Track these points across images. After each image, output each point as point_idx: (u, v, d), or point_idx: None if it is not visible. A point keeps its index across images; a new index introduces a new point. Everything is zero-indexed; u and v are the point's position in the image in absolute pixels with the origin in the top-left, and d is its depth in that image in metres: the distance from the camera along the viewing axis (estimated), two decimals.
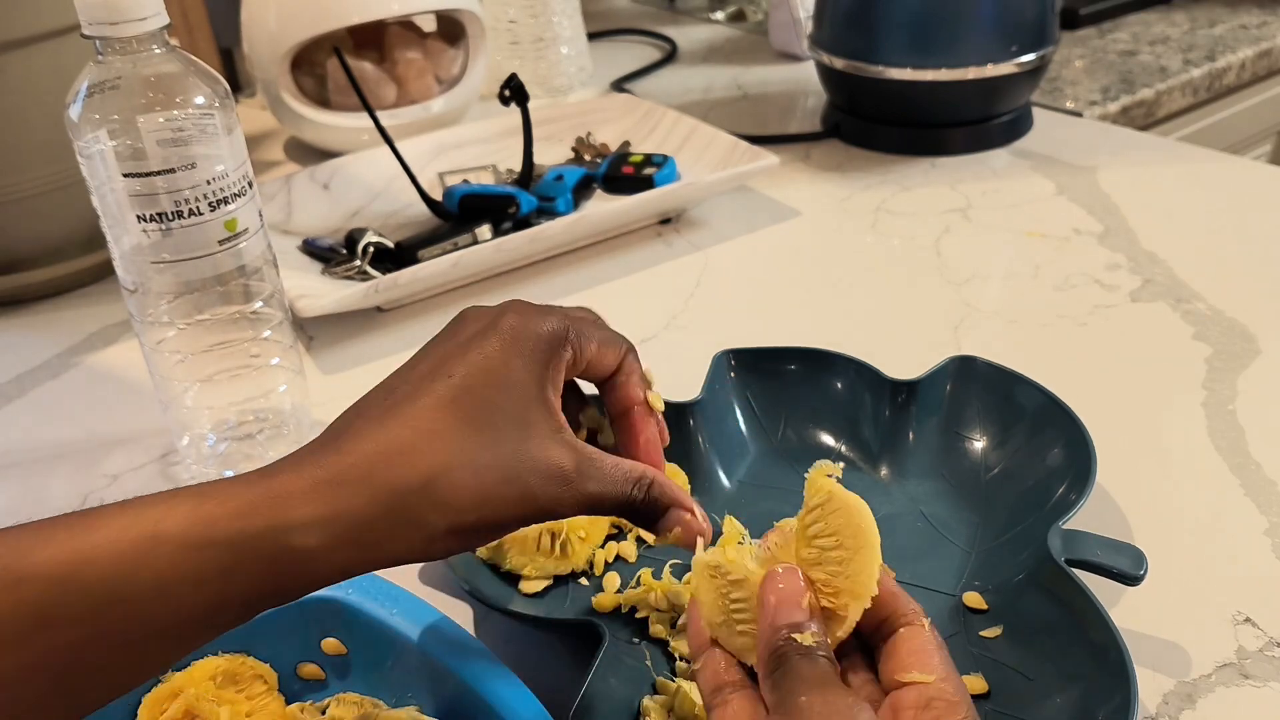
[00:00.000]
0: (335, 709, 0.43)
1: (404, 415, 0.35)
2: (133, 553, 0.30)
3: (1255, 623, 0.47)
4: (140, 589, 0.30)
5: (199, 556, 0.30)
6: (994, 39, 0.90)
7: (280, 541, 0.31)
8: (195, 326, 0.56)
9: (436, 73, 1.01)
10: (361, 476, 0.33)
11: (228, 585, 0.31)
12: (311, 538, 0.32)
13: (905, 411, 0.56)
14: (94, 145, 0.51)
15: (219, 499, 0.31)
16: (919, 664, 0.33)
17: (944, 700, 0.32)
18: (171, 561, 0.30)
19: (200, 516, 0.31)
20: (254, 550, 0.31)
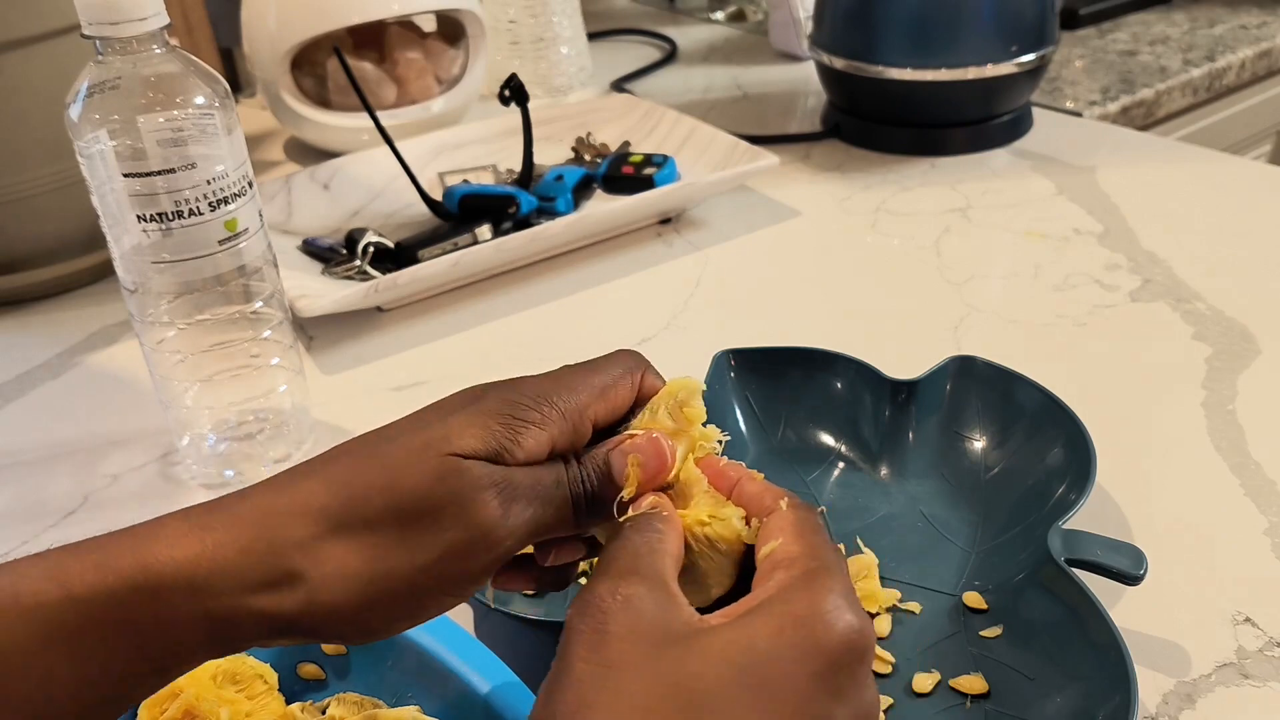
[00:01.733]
0: (335, 709, 0.43)
1: (310, 469, 0.32)
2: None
3: (1255, 623, 0.47)
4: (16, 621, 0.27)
5: (48, 616, 0.28)
6: (994, 39, 0.90)
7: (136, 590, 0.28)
8: (195, 326, 0.56)
9: (436, 73, 1.01)
10: (237, 522, 0.30)
11: (87, 649, 0.28)
12: (168, 578, 0.29)
13: (905, 411, 0.56)
14: (94, 145, 0.51)
15: (81, 553, 0.29)
16: (770, 538, 0.32)
17: (785, 558, 0.31)
18: (24, 622, 0.28)
19: (56, 573, 0.28)
20: (108, 602, 0.28)
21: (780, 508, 0.33)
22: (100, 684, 0.29)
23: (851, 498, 0.54)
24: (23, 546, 0.56)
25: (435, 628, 0.43)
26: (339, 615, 0.30)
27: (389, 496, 0.31)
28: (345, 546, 0.30)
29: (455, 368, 0.69)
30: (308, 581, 0.30)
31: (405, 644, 0.43)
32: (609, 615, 0.29)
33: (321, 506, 0.31)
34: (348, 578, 0.30)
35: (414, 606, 0.32)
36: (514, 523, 0.32)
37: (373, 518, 0.31)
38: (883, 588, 0.49)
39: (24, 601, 0.28)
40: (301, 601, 0.30)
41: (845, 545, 0.51)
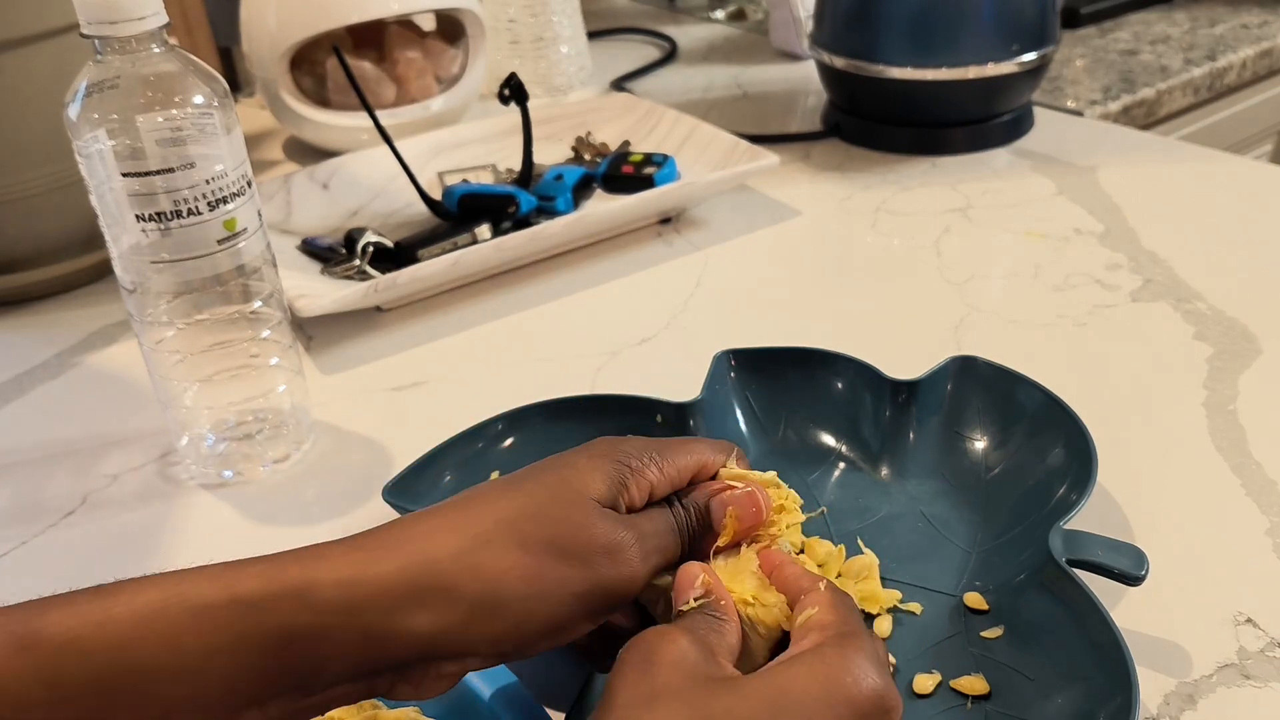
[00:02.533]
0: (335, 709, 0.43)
1: (454, 504, 0.34)
2: (150, 613, 0.28)
3: (1256, 623, 0.47)
4: (153, 651, 0.28)
5: (214, 616, 0.29)
6: (995, 38, 0.90)
7: (299, 599, 0.30)
8: (194, 326, 0.56)
9: (436, 72, 1.01)
10: (394, 544, 0.32)
11: (242, 649, 0.29)
12: (335, 594, 0.30)
13: (905, 411, 0.56)
14: (93, 145, 0.51)
15: (248, 563, 0.30)
16: (805, 610, 0.34)
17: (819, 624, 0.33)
18: (188, 618, 0.29)
19: (223, 575, 0.30)
20: (271, 611, 0.29)
21: (818, 588, 0.35)
22: (247, 692, 0.30)
23: (852, 498, 0.54)
24: (22, 547, 0.56)
25: None
26: (489, 629, 0.32)
27: (541, 524, 0.33)
28: (501, 560, 0.32)
29: (455, 368, 0.69)
30: (462, 598, 0.31)
31: None
32: (656, 650, 0.31)
33: (477, 527, 0.33)
34: (503, 592, 0.32)
35: (555, 631, 0.33)
36: (646, 570, 0.35)
37: (527, 540, 0.33)
38: (883, 588, 0.49)
39: (190, 601, 0.29)
40: (455, 618, 0.31)
41: (845, 546, 0.50)
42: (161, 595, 0.29)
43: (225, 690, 0.29)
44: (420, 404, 0.66)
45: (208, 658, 0.29)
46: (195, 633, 0.29)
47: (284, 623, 0.30)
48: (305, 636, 0.30)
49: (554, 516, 0.33)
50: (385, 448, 0.61)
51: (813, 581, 0.36)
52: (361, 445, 0.62)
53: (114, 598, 0.29)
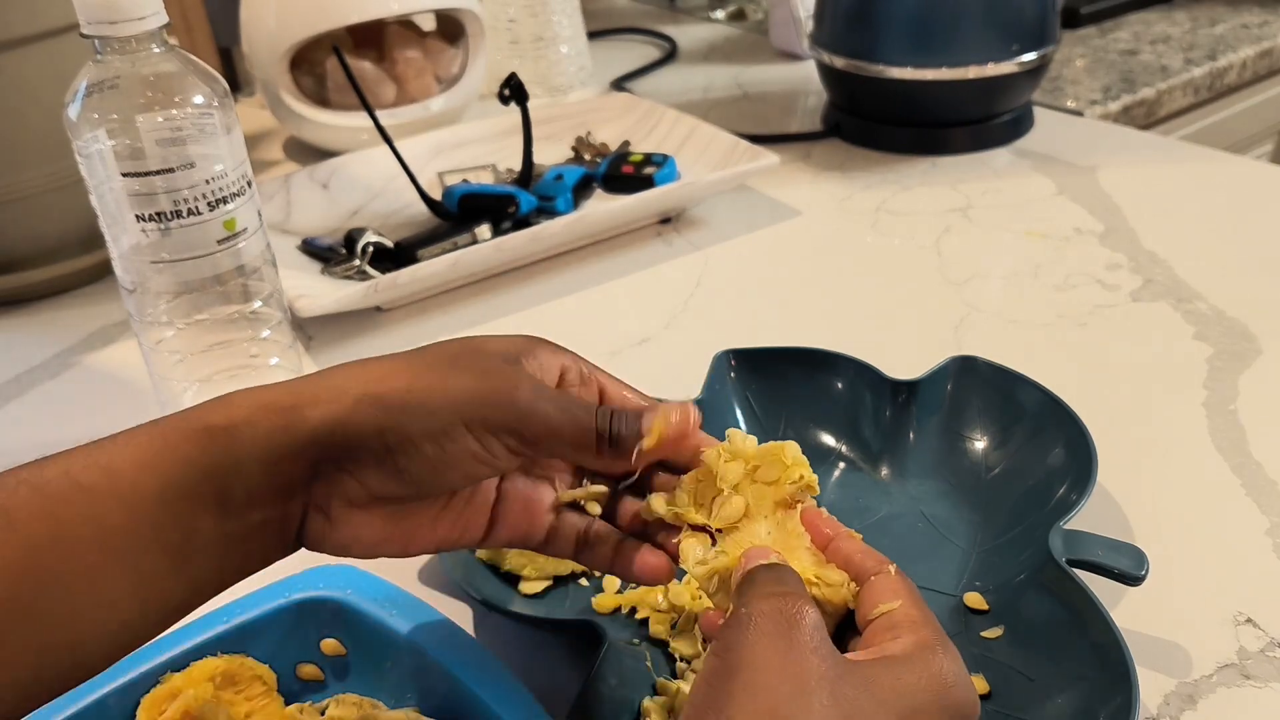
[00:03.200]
0: (334, 709, 0.43)
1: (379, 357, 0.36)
2: (88, 453, 0.32)
3: (1256, 623, 0.47)
4: (95, 477, 0.31)
5: (142, 439, 0.32)
6: (995, 38, 0.90)
7: (214, 412, 0.33)
8: (194, 326, 0.56)
9: (436, 72, 1.01)
10: (309, 376, 0.35)
11: (168, 461, 0.32)
12: (242, 400, 0.33)
13: (906, 411, 0.56)
14: (93, 145, 0.51)
15: (177, 412, 0.34)
16: (884, 598, 0.34)
17: (909, 620, 0.33)
18: (119, 448, 0.32)
19: (151, 423, 0.33)
20: (190, 422, 0.33)
21: (888, 572, 0.35)
22: (172, 508, 0.31)
23: (852, 498, 0.54)
24: None
25: (435, 628, 0.43)
26: (372, 420, 0.33)
27: (440, 351, 0.36)
28: (390, 365, 0.35)
29: None
30: (348, 390, 0.33)
31: (405, 644, 0.43)
32: (791, 626, 0.31)
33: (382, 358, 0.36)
34: (386, 386, 0.34)
35: (437, 435, 0.33)
36: (533, 400, 0.34)
37: (424, 357, 0.35)
38: None
39: (119, 437, 0.32)
40: (343, 409, 0.33)
41: None
42: (100, 441, 0.32)
43: (158, 505, 0.31)
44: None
45: (138, 472, 0.31)
46: (126, 455, 0.32)
47: (202, 428, 0.32)
48: (220, 433, 0.32)
49: (452, 355, 0.35)
50: None
51: (879, 562, 0.36)
52: None
53: (61, 453, 0.32)
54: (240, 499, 0.33)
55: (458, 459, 0.34)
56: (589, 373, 0.38)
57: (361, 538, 0.35)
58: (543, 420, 0.34)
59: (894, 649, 0.32)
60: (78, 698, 0.40)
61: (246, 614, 0.44)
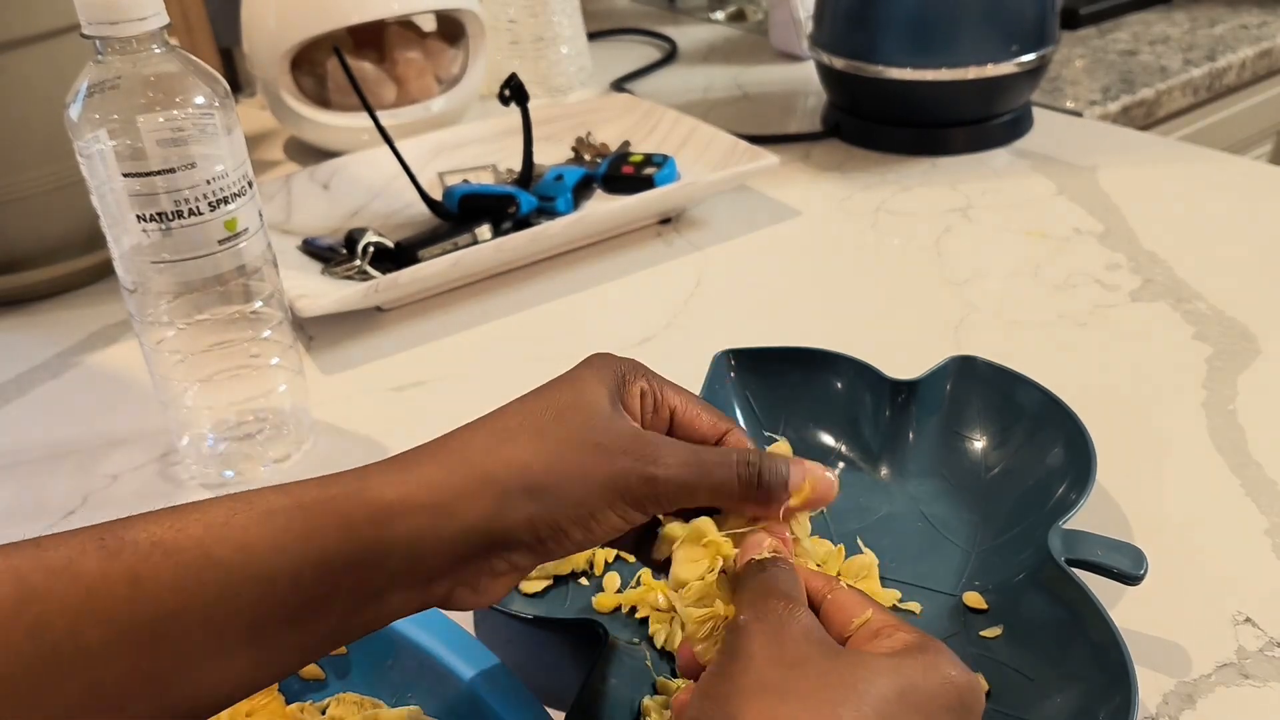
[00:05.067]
0: (335, 709, 0.43)
1: (489, 423, 0.36)
2: (224, 524, 0.31)
3: (1255, 623, 0.47)
4: (225, 551, 0.30)
5: (278, 519, 0.31)
6: (994, 39, 0.90)
7: (355, 498, 0.32)
8: (195, 326, 0.56)
9: (436, 72, 1.01)
10: (433, 449, 0.35)
11: (306, 547, 0.31)
12: (386, 491, 0.33)
13: (905, 411, 0.56)
14: (94, 145, 0.51)
15: (310, 480, 0.33)
16: (854, 612, 0.35)
17: (889, 625, 0.34)
18: (255, 522, 0.31)
19: (287, 489, 0.32)
20: (331, 508, 0.32)
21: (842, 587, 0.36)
22: (313, 592, 0.32)
23: (852, 498, 0.54)
24: None
25: (435, 628, 0.43)
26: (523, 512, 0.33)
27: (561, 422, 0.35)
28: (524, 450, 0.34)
29: (455, 368, 0.69)
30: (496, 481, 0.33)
31: (405, 644, 0.43)
32: (785, 621, 0.32)
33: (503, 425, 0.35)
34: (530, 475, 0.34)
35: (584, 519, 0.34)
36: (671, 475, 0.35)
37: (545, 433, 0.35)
38: (883, 588, 0.49)
39: (256, 508, 0.32)
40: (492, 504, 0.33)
41: (845, 545, 0.51)
42: (231, 505, 0.32)
43: (292, 589, 0.31)
44: (420, 404, 0.66)
45: (275, 555, 0.31)
46: (262, 533, 0.31)
47: (343, 517, 0.32)
48: (363, 526, 0.32)
49: (570, 414, 0.35)
50: (385, 448, 0.61)
51: (826, 581, 0.36)
52: (361, 445, 0.62)
53: (187, 512, 0.31)
54: (380, 588, 0.33)
55: (601, 535, 0.35)
56: (660, 395, 0.39)
57: (498, 594, 0.36)
58: (683, 487, 0.35)
59: (885, 647, 0.33)
60: None
61: None
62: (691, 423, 0.39)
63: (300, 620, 0.32)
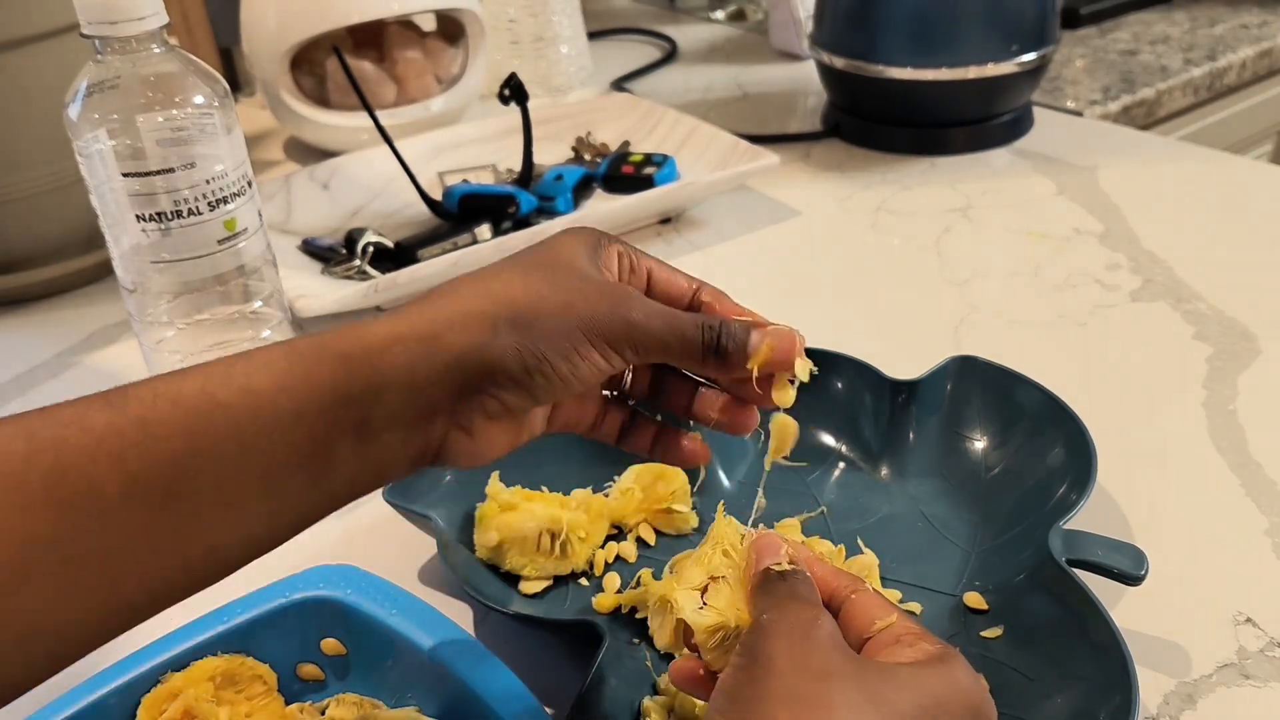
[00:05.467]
0: (335, 709, 0.43)
1: (475, 274, 0.37)
2: (225, 372, 0.32)
3: (1256, 623, 0.47)
4: (233, 396, 0.31)
5: (280, 364, 0.32)
6: (994, 38, 0.90)
7: (349, 338, 0.34)
8: (195, 326, 0.56)
9: (436, 72, 1.01)
10: (427, 295, 0.36)
11: (308, 385, 0.32)
12: (379, 329, 0.34)
13: (905, 411, 0.56)
14: (93, 145, 0.51)
15: (302, 336, 0.34)
16: (876, 615, 0.35)
17: (910, 633, 0.34)
18: (256, 367, 0.32)
19: (283, 342, 0.34)
20: (327, 350, 0.33)
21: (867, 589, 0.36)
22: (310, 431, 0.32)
23: (852, 498, 0.54)
24: None
25: (435, 627, 0.43)
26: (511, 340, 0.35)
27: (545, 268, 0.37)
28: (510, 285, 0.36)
29: None
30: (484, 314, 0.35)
31: (405, 644, 0.43)
32: (810, 628, 0.32)
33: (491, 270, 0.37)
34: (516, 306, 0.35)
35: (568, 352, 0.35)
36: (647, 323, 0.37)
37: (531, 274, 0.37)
38: (883, 588, 0.49)
39: (255, 357, 0.33)
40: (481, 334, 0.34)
41: (845, 545, 0.51)
42: (229, 360, 0.32)
43: (297, 427, 0.32)
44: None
45: (278, 395, 0.32)
46: (264, 377, 0.32)
47: (340, 354, 0.33)
48: (358, 360, 0.33)
49: (553, 264, 0.37)
50: None
51: (853, 581, 0.37)
52: None
53: (186, 370, 0.32)
54: (380, 423, 0.34)
55: (585, 372, 0.36)
56: (636, 258, 0.41)
57: (494, 445, 0.37)
58: (655, 336, 0.37)
59: (907, 656, 0.33)
60: (78, 697, 0.40)
61: (247, 614, 0.44)
62: (668, 281, 0.41)
63: (308, 464, 0.32)
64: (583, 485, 0.55)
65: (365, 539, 0.55)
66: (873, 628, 0.34)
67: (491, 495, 0.51)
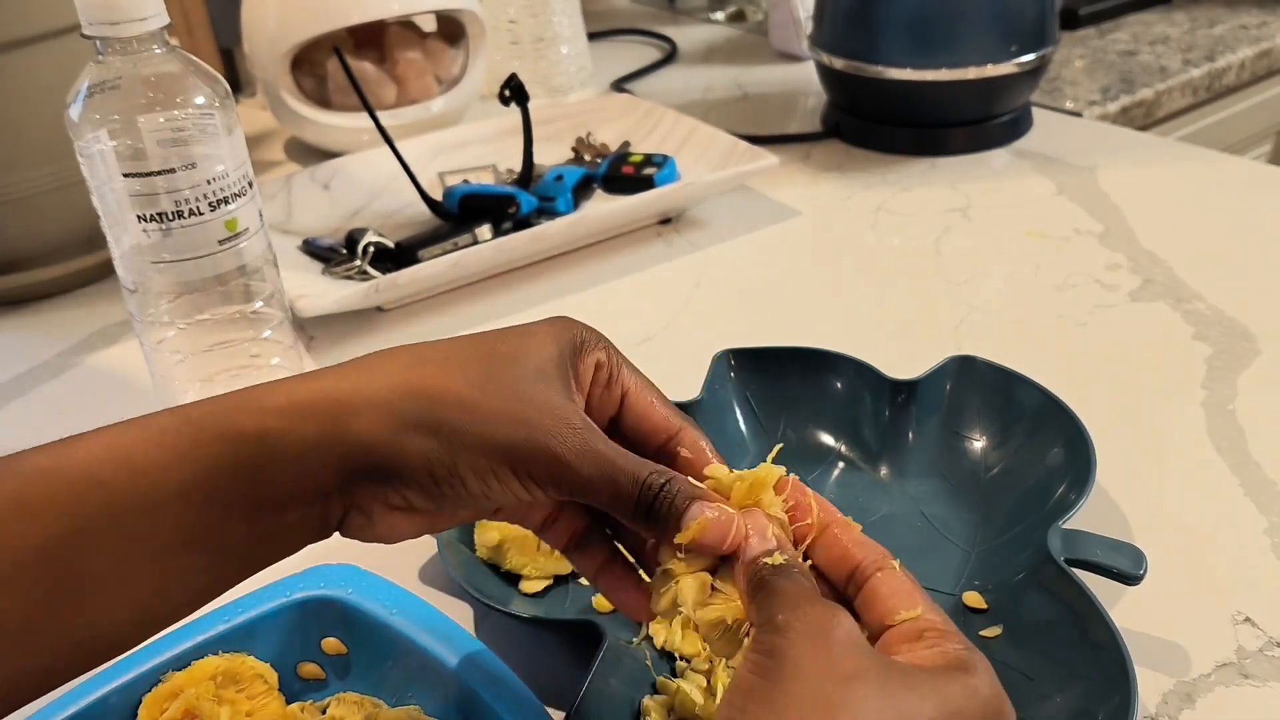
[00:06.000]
0: (335, 709, 0.43)
1: (414, 348, 0.34)
2: (110, 445, 0.30)
3: (1255, 622, 0.47)
4: (115, 473, 0.30)
5: (167, 436, 0.31)
6: (994, 39, 0.90)
7: (244, 408, 0.31)
8: (195, 326, 0.56)
9: (436, 73, 1.01)
10: (353, 362, 0.33)
11: (193, 461, 0.30)
12: (278, 397, 0.32)
13: (905, 411, 0.56)
14: (94, 145, 0.51)
15: (210, 397, 0.32)
16: (902, 603, 0.33)
17: (935, 629, 0.32)
18: (143, 444, 0.30)
19: (182, 407, 0.32)
20: (218, 420, 0.31)
21: (894, 568, 0.34)
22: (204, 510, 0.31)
23: (851, 498, 0.54)
24: None
25: (435, 627, 0.43)
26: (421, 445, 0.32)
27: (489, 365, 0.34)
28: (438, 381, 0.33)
29: None
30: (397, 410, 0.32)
31: (405, 644, 0.43)
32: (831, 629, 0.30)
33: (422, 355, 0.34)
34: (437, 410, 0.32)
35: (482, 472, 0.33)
36: (583, 467, 0.33)
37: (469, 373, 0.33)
38: None
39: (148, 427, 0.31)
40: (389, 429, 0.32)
41: None
42: (123, 428, 0.31)
43: (184, 507, 0.30)
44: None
45: (160, 473, 0.30)
46: (149, 451, 0.30)
47: (234, 428, 0.31)
48: (253, 438, 0.31)
49: (504, 363, 0.34)
50: None
51: (880, 556, 0.34)
52: None
53: (80, 438, 0.31)
54: (273, 502, 0.32)
55: (499, 496, 0.33)
56: (616, 373, 0.37)
57: (397, 531, 0.35)
58: (584, 482, 0.33)
59: (929, 659, 0.31)
60: (79, 697, 0.40)
61: (247, 613, 0.44)
62: (643, 411, 0.37)
63: (197, 541, 0.31)
64: None
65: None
66: (896, 618, 0.32)
67: None
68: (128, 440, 0.31)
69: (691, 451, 0.36)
